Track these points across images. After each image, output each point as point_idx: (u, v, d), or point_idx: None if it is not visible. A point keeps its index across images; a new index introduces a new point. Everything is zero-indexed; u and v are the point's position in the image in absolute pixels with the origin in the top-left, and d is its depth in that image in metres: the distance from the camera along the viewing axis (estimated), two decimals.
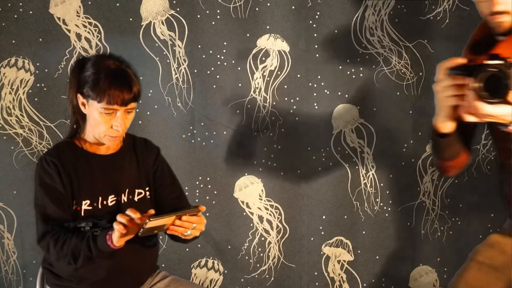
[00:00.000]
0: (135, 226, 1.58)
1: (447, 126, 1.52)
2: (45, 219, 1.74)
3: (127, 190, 1.82)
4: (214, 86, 2.37)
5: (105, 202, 1.79)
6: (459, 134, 1.62)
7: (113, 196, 1.80)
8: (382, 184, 2.49)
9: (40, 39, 2.27)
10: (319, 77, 2.40)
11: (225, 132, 2.38)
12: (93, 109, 1.71)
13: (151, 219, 1.55)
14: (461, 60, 1.37)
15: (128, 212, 1.57)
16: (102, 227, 1.73)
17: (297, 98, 2.40)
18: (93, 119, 1.74)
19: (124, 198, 1.82)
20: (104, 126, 1.72)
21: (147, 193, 1.86)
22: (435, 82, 1.42)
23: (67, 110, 1.82)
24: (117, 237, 1.59)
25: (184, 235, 1.65)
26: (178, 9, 2.32)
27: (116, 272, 1.80)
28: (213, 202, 2.41)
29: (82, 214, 1.76)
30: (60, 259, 1.71)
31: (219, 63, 2.36)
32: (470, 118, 1.36)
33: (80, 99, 1.74)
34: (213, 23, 2.34)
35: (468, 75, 1.32)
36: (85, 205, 1.76)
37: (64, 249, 1.68)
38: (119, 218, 1.56)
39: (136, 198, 1.84)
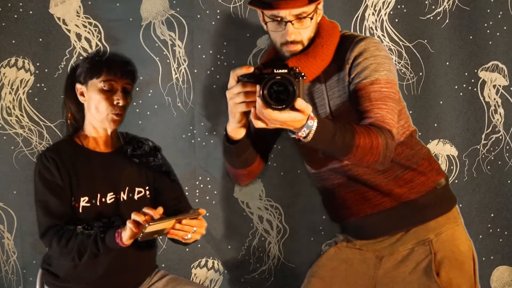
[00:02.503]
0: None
1: (238, 132, 1.60)
2: (47, 213, 1.75)
3: (127, 188, 1.84)
4: (214, 86, 2.37)
5: (103, 200, 1.80)
6: (258, 142, 1.72)
7: (112, 193, 1.81)
8: None
9: (40, 39, 2.27)
10: None
11: (225, 132, 2.38)
12: (93, 91, 1.80)
13: (150, 224, 1.55)
14: (250, 68, 1.45)
15: (145, 209, 1.59)
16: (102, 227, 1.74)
17: None
18: (93, 101, 1.81)
19: (124, 196, 1.83)
20: (106, 103, 1.79)
21: (147, 192, 1.88)
22: (228, 89, 1.48)
23: (63, 112, 1.89)
24: (128, 236, 1.60)
25: (185, 238, 1.66)
26: (178, 9, 2.32)
27: (114, 271, 1.81)
28: (213, 202, 2.41)
29: (80, 211, 1.77)
30: (63, 255, 1.72)
31: (219, 63, 2.36)
32: (259, 124, 1.42)
33: (78, 89, 1.84)
34: (213, 23, 2.34)
35: (257, 82, 1.40)
36: (84, 201, 1.78)
37: (69, 245, 1.69)
38: (134, 216, 1.58)
39: (136, 197, 1.85)
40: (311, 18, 1.63)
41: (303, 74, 1.40)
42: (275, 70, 1.39)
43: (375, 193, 1.74)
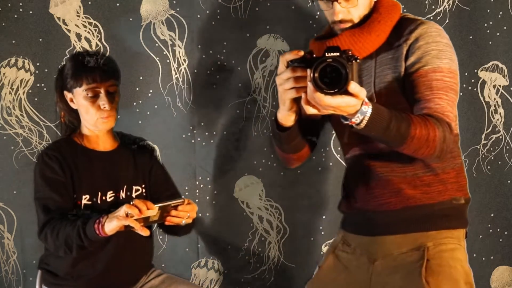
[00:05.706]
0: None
1: (289, 119, 1.54)
2: (46, 210, 1.77)
3: (125, 186, 1.87)
4: (214, 86, 2.37)
5: (104, 198, 1.83)
6: (306, 127, 1.65)
7: (111, 192, 1.85)
8: None
9: (40, 39, 2.27)
10: None
11: (225, 132, 2.39)
12: (79, 98, 1.82)
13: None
14: (300, 53, 1.37)
15: (136, 202, 1.61)
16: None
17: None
18: (82, 107, 1.83)
19: (123, 194, 1.86)
20: (93, 109, 1.81)
21: (144, 190, 1.91)
22: (277, 75, 1.42)
23: (57, 114, 1.91)
24: (112, 228, 1.61)
25: (180, 224, 1.73)
26: (178, 9, 2.32)
27: (113, 268, 1.83)
28: (213, 202, 2.41)
29: (82, 208, 1.80)
30: (58, 248, 1.73)
31: (219, 63, 2.36)
32: (311, 110, 1.35)
33: (67, 95, 1.87)
34: (213, 23, 2.34)
35: (308, 67, 1.32)
36: (85, 199, 1.81)
37: (59, 237, 1.70)
38: (128, 209, 1.59)
39: (134, 195, 1.88)
40: None
41: (356, 57, 1.34)
42: (326, 53, 1.31)
43: (382, 192, 1.65)
